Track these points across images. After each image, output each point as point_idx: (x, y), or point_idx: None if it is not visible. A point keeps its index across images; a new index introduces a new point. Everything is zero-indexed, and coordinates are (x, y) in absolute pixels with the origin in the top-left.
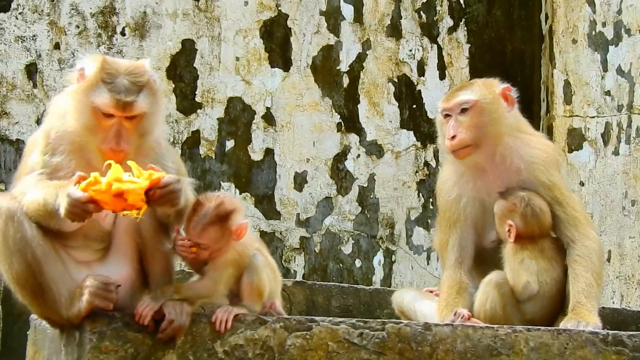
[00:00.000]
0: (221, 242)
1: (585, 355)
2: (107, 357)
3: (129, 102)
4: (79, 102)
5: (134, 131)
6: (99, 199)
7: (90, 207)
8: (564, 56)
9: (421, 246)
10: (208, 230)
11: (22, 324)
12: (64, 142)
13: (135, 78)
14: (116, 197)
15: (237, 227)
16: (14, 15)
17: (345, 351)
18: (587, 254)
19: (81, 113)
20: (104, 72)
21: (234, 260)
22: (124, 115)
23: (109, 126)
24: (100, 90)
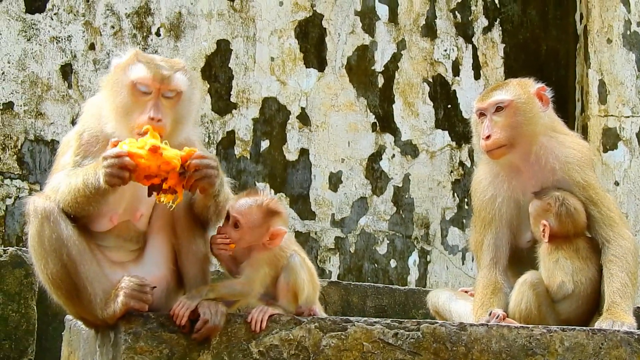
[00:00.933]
0: (255, 232)
1: (620, 355)
2: (142, 357)
3: (167, 75)
4: (116, 82)
5: (170, 112)
6: (134, 153)
7: (126, 161)
8: (599, 56)
9: (456, 246)
10: (251, 211)
11: (57, 325)
12: (97, 144)
13: (171, 62)
14: (152, 152)
15: (275, 230)
16: (49, 15)
17: (380, 351)
18: (622, 253)
19: (117, 93)
20: (139, 55)
21: (270, 260)
22: (161, 89)
23: (146, 101)
24: (138, 66)
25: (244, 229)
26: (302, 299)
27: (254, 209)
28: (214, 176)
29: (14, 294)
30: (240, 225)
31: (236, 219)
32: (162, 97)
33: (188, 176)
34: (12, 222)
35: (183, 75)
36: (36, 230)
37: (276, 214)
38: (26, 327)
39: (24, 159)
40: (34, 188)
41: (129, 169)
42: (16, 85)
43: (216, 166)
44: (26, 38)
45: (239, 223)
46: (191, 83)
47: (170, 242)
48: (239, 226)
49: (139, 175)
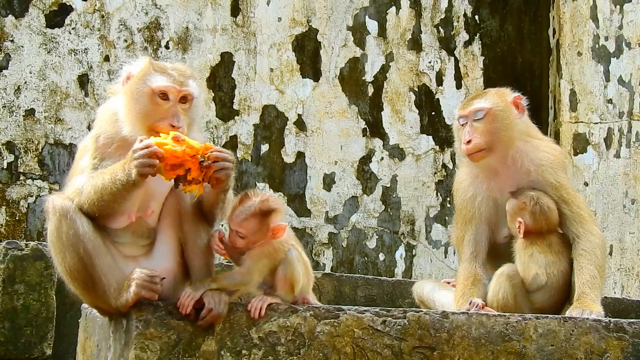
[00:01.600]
0: (258, 235)
1: (589, 341)
2: (152, 342)
3: (184, 81)
4: (135, 90)
5: (185, 116)
6: (160, 142)
7: (156, 149)
8: (570, 67)
9: (439, 241)
10: (249, 221)
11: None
12: (112, 146)
13: (182, 70)
14: (176, 140)
15: (275, 226)
16: (68, 30)
17: (370, 337)
18: (591, 248)
19: (137, 100)
20: (153, 65)
21: (269, 253)
22: (179, 95)
23: (165, 110)
24: (156, 75)
25: (247, 237)
26: (298, 289)
27: (249, 217)
28: (230, 168)
29: (35, 285)
30: (243, 235)
31: (237, 231)
32: (179, 103)
33: (207, 165)
34: (34, 218)
35: (194, 81)
36: (55, 227)
37: (270, 212)
38: (46, 315)
39: (45, 161)
40: (53, 188)
41: (158, 157)
42: (37, 93)
43: (233, 160)
44: (46, 50)
45: (241, 234)
46: (199, 89)
47: (177, 237)
48: (243, 236)
49: (166, 165)
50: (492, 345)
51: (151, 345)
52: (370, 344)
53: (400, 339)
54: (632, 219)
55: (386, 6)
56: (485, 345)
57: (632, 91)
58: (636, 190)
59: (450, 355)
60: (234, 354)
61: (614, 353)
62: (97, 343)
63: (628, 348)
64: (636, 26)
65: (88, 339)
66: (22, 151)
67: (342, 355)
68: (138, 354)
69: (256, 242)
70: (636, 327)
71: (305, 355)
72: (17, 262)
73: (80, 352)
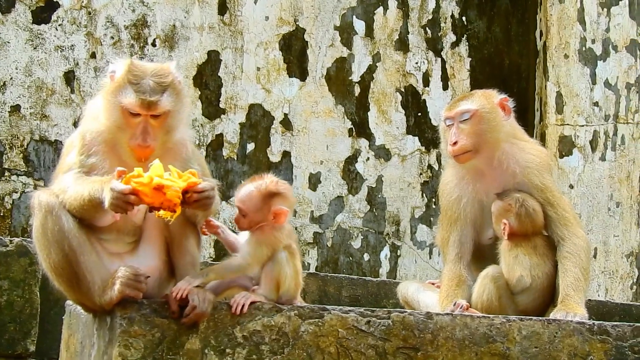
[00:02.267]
0: (259, 215)
1: (572, 343)
2: (136, 340)
3: (154, 101)
4: (109, 102)
5: (159, 129)
6: (139, 191)
7: (131, 199)
8: (557, 70)
9: (424, 242)
10: (251, 199)
11: (58, 309)
12: (99, 143)
13: (160, 79)
14: (156, 190)
15: (277, 209)
16: (54, 26)
17: (354, 337)
18: (575, 250)
19: (111, 112)
20: (130, 74)
21: (269, 242)
22: (149, 114)
23: (136, 124)
24: (127, 91)
25: (248, 214)
26: (283, 290)
27: (254, 193)
28: (211, 204)
29: (19, 281)
30: (244, 211)
31: (239, 207)
32: (150, 117)
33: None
34: (18, 215)
35: (170, 95)
36: (40, 223)
37: (276, 194)
38: (30, 311)
39: (30, 157)
40: (38, 184)
41: (133, 204)
42: (23, 89)
43: (214, 195)
44: (33, 47)
45: (243, 210)
46: (178, 96)
47: (162, 235)
48: (244, 213)
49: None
50: (476, 347)
51: (135, 343)
52: (354, 344)
53: (385, 339)
54: (616, 222)
55: (374, 6)
56: (469, 346)
57: (618, 94)
58: (621, 194)
59: (434, 356)
60: (218, 352)
61: (597, 355)
62: (80, 340)
63: (611, 351)
64: (623, 29)
65: (72, 336)
66: (7, 147)
67: (326, 355)
68: (122, 351)
69: (257, 223)
70: (620, 330)
71: (289, 354)
72: (1, 259)
73: (63, 349)
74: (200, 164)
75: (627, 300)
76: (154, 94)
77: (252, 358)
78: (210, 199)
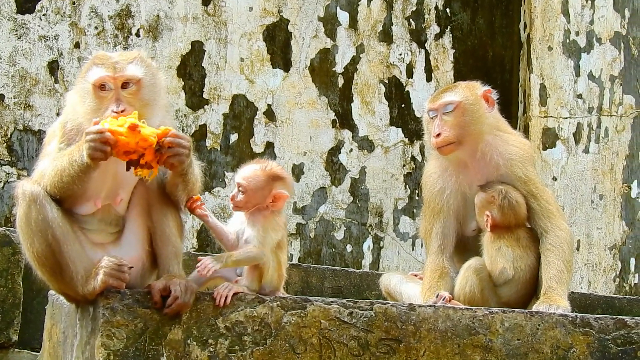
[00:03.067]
0: (258, 195)
1: (555, 336)
2: (119, 330)
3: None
4: (81, 88)
5: (134, 99)
6: (114, 130)
7: (108, 137)
8: (540, 62)
9: (407, 233)
10: (254, 176)
11: (41, 299)
12: (79, 132)
13: (125, 56)
14: (130, 129)
15: (278, 192)
16: (38, 16)
17: (337, 328)
18: (558, 243)
19: (84, 97)
20: (96, 59)
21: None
22: (117, 81)
23: (108, 99)
24: (94, 69)
25: (248, 192)
26: (266, 281)
27: (258, 172)
28: (185, 155)
29: (2, 270)
30: (245, 188)
31: (240, 183)
32: (122, 90)
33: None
34: (1, 204)
35: (137, 64)
36: (24, 212)
37: (279, 178)
38: (12, 301)
39: (13, 147)
40: (21, 174)
41: (110, 144)
42: (7, 79)
43: (188, 146)
44: (17, 36)
45: (244, 187)
46: (148, 69)
47: (146, 225)
48: (242, 190)
49: (119, 151)
50: (458, 339)
51: (117, 333)
52: (336, 335)
53: (367, 330)
54: (599, 214)
55: None
56: (452, 338)
57: (602, 87)
58: (604, 186)
59: (417, 348)
60: (200, 343)
61: (580, 348)
62: (63, 330)
63: (594, 343)
64: (607, 22)
65: (54, 326)
66: None
67: (309, 346)
68: (104, 341)
69: (254, 205)
70: (602, 322)
71: (271, 345)
72: None
73: (46, 338)
74: None
75: (610, 292)
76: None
77: (235, 349)
78: (184, 148)
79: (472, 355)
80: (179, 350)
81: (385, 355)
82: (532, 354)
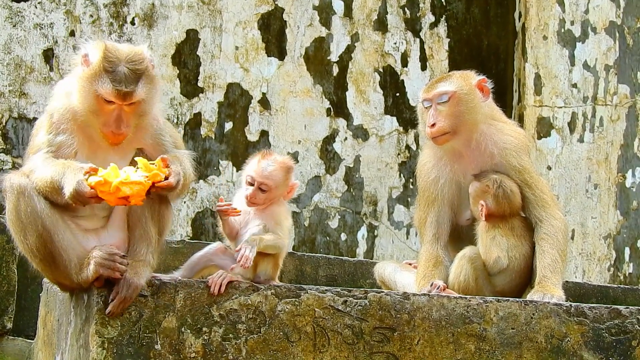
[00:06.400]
0: (281, 188)
1: (549, 325)
2: (113, 318)
3: (129, 92)
4: (84, 88)
5: (132, 115)
6: (103, 197)
7: (92, 201)
8: (535, 51)
9: (401, 222)
10: (277, 173)
11: (36, 287)
12: (67, 121)
13: (135, 65)
14: (120, 199)
15: (294, 183)
16: (34, 4)
17: (331, 317)
18: (553, 232)
19: (85, 98)
20: (106, 61)
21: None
22: (124, 103)
23: (110, 110)
24: (103, 79)
25: (272, 190)
26: (261, 270)
27: (277, 169)
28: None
29: None
30: (268, 187)
31: (263, 182)
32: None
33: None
34: None
35: (144, 83)
36: (13, 205)
37: (292, 169)
38: (7, 289)
39: (8, 135)
40: (16, 162)
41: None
42: (2, 67)
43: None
44: (12, 24)
45: (267, 185)
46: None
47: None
48: (265, 189)
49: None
50: (452, 327)
51: (112, 321)
52: (330, 324)
53: (361, 319)
54: (594, 203)
55: None
56: (446, 327)
57: (596, 76)
58: (599, 175)
59: (411, 337)
60: (195, 330)
61: (574, 337)
62: (58, 318)
63: (588, 332)
64: (602, 11)
65: (49, 314)
66: None
67: (303, 335)
68: (99, 329)
69: (275, 198)
70: (597, 311)
71: (265, 333)
72: None
73: (40, 326)
74: (172, 135)
75: (605, 282)
76: (129, 84)
77: (229, 337)
78: (174, 189)
79: (467, 344)
80: (173, 338)
81: (380, 344)
82: (527, 343)
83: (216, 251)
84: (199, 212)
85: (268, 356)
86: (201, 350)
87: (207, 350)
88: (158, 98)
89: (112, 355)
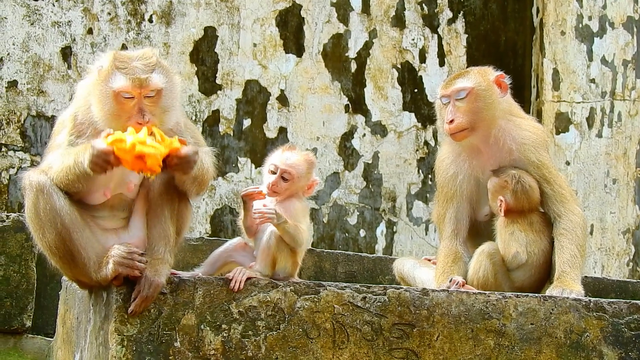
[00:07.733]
0: (303, 181)
1: (569, 320)
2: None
3: (145, 79)
4: (101, 91)
5: (155, 108)
6: (120, 156)
7: (111, 159)
8: (553, 46)
9: (420, 218)
10: (301, 163)
11: (55, 285)
12: (90, 127)
13: (146, 60)
14: (137, 158)
15: (314, 179)
16: (51, 2)
17: (350, 313)
18: (572, 227)
19: (104, 101)
20: (117, 61)
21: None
22: (142, 93)
23: (131, 107)
24: (117, 76)
25: (293, 179)
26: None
27: (301, 160)
28: (190, 168)
29: (16, 256)
30: (291, 176)
31: (286, 170)
32: (144, 98)
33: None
34: (15, 190)
35: (159, 73)
36: (32, 203)
37: (314, 164)
38: (26, 287)
39: (27, 133)
40: (35, 159)
41: (112, 165)
42: (20, 65)
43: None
44: (30, 22)
45: (290, 174)
46: (167, 76)
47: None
48: (288, 178)
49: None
50: (471, 323)
51: (131, 318)
52: (350, 320)
53: (380, 315)
54: (613, 198)
55: None
56: (465, 323)
57: (615, 71)
58: (617, 170)
59: (430, 333)
60: (214, 328)
61: (593, 332)
62: (77, 315)
63: (607, 327)
64: (620, 6)
65: (68, 311)
66: (4, 123)
67: (322, 331)
68: (118, 327)
69: (296, 191)
70: (616, 307)
71: (285, 330)
72: None
73: (60, 324)
74: (193, 136)
75: (624, 277)
76: (144, 73)
77: (248, 334)
78: (190, 163)
79: (486, 339)
80: (193, 335)
81: (399, 340)
82: (546, 339)
83: (236, 247)
84: (218, 209)
85: (287, 353)
86: (220, 347)
87: (226, 347)
88: (178, 93)
89: (131, 352)
